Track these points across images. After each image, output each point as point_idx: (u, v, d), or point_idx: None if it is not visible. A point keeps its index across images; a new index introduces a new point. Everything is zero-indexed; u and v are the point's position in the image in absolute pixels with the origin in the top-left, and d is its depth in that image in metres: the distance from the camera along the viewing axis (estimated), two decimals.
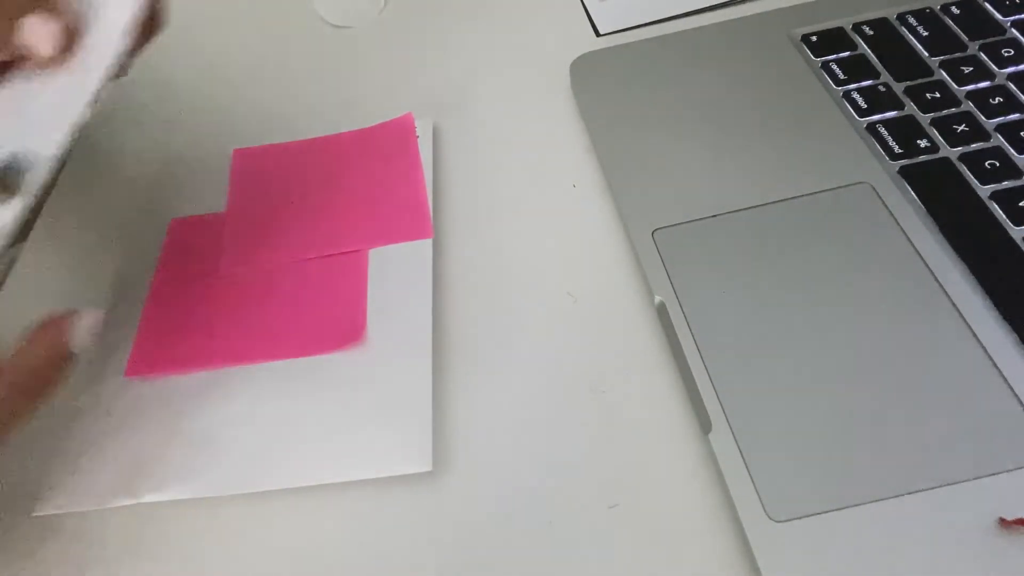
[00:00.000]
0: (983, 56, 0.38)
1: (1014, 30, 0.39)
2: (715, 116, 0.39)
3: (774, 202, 0.35)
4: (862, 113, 0.37)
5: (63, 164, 0.28)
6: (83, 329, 0.29)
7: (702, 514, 0.28)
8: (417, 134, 0.40)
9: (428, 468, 0.29)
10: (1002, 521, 0.25)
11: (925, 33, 0.40)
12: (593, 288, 0.35)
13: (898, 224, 0.33)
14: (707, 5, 0.45)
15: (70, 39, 0.30)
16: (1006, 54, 0.38)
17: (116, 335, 0.35)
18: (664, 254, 0.34)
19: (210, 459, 0.31)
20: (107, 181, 0.43)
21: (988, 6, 0.41)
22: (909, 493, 0.26)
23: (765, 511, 0.26)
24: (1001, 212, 0.33)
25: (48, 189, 0.29)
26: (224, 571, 0.29)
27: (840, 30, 0.41)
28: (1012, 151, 0.34)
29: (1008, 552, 0.25)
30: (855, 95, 0.38)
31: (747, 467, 0.27)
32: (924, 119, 0.37)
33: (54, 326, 0.28)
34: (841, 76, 0.39)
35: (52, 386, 0.28)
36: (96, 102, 0.29)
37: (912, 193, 0.34)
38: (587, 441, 0.30)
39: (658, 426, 0.30)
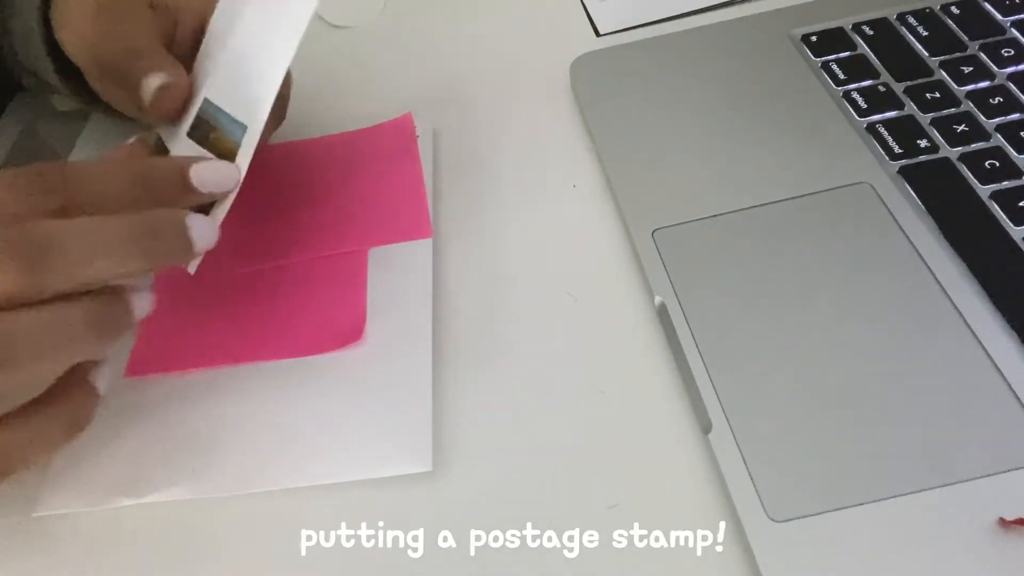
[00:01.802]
0: (983, 56, 0.38)
1: (1014, 30, 0.39)
2: (715, 116, 0.39)
3: (774, 202, 0.35)
4: (862, 113, 0.37)
5: None
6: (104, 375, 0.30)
7: (702, 514, 0.28)
8: (417, 134, 0.40)
9: (428, 468, 0.29)
10: (1002, 521, 0.25)
11: (925, 33, 0.40)
12: (593, 288, 0.35)
13: (898, 224, 0.33)
14: (707, 5, 0.45)
15: None
16: (1006, 54, 0.38)
17: None
18: (664, 254, 0.34)
19: (210, 459, 0.31)
20: None
21: (988, 6, 0.41)
22: (909, 493, 0.26)
23: (765, 511, 0.26)
24: (1001, 212, 0.33)
25: None
26: (224, 571, 0.29)
27: (840, 30, 0.41)
28: (1012, 151, 0.34)
29: (1008, 552, 0.25)
30: (855, 95, 0.38)
31: (747, 467, 0.27)
32: (924, 119, 0.37)
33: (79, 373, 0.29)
34: (841, 76, 0.39)
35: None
36: None
37: (912, 193, 0.34)
38: (587, 441, 0.30)
39: (658, 426, 0.30)
